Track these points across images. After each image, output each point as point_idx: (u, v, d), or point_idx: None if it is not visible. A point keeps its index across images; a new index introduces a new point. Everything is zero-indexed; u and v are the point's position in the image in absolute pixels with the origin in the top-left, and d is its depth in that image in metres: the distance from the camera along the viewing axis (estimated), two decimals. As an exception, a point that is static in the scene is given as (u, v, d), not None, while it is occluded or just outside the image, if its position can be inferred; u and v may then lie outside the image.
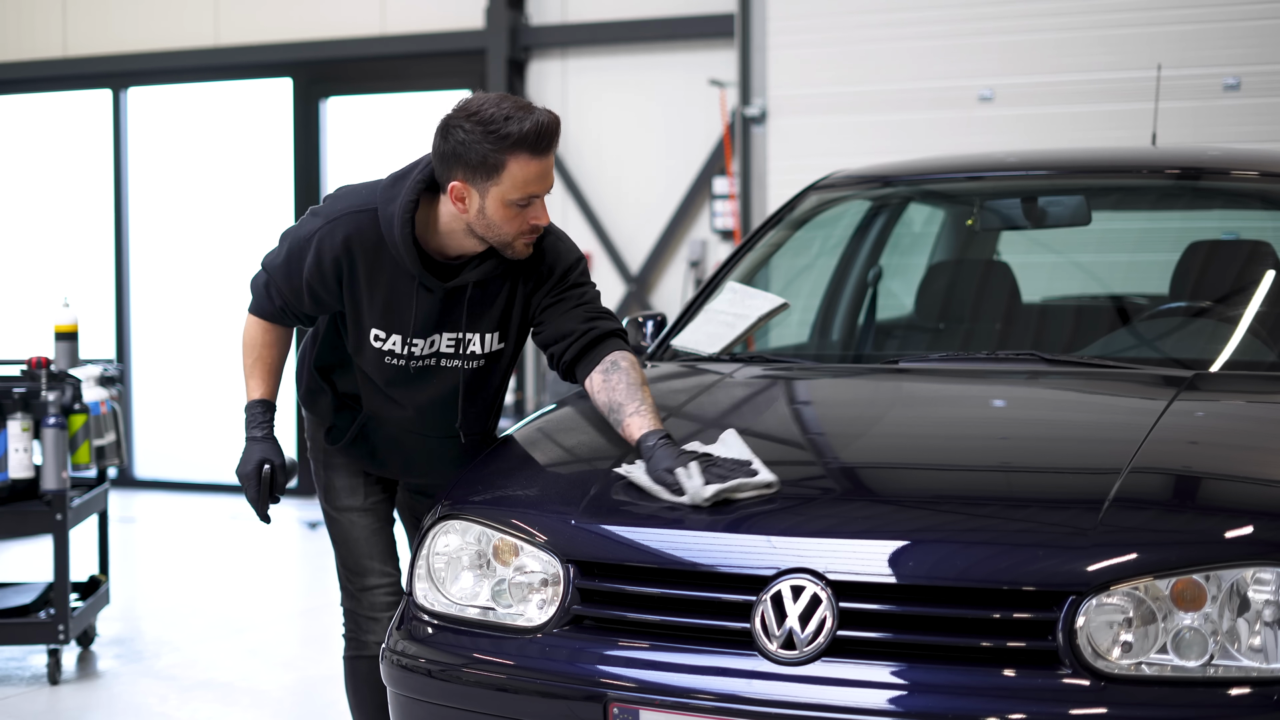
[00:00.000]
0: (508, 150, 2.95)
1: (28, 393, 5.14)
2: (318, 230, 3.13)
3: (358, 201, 3.14)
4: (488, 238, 3.07)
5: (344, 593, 3.52)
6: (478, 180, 2.99)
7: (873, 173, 4.44)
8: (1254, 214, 4.66)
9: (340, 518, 3.48)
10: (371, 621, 3.48)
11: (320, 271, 3.14)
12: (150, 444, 9.92)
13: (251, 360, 3.31)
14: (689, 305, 4.02)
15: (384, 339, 3.19)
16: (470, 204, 3.02)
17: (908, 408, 3.38)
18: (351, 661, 3.53)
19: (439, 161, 3.03)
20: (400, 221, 3.05)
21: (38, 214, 10.30)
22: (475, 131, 2.95)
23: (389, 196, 3.09)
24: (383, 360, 3.23)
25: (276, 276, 3.20)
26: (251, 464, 3.27)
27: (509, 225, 3.04)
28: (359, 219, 3.11)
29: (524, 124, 2.95)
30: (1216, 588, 2.49)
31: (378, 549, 3.49)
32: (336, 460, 3.47)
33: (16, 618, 5.21)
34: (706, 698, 2.60)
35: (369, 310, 3.18)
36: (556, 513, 2.89)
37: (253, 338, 3.30)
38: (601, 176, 8.80)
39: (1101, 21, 7.23)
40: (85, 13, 9.91)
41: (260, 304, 3.27)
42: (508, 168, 2.97)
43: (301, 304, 3.22)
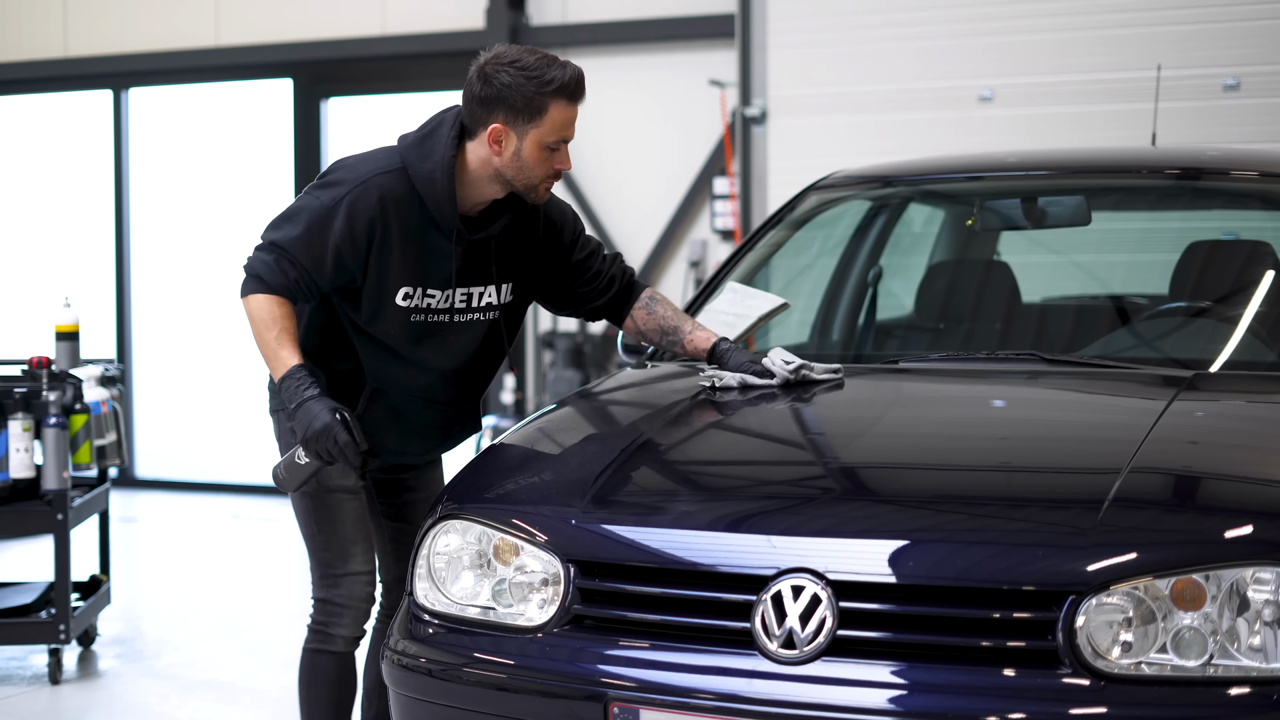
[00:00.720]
0: (550, 95, 3.17)
1: (29, 393, 5.15)
2: (345, 195, 3.19)
3: (383, 163, 3.23)
4: (516, 181, 3.23)
5: (321, 581, 3.44)
6: (520, 122, 3.17)
7: (873, 173, 4.45)
8: (1254, 214, 4.66)
9: (329, 498, 3.41)
10: (346, 612, 3.42)
11: (352, 234, 3.18)
12: (151, 444, 9.92)
13: (275, 333, 3.23)
14: (689, 305, 4.02)
15: (413, 295, 3.27)
16: (507, 146, 3.19)
17: (908, 408, 3.39)
18: (313, 654, 3.46)
19: (478, 105, 3.19)
20: (444, 175, 3.18)
21: (38, 214, 10.31)
22: (519, 76, 3.15)
23: (422, 154, 3.21)
24: (408, 319, 3.29)
25: (294, 249, 3.20)
26: (324, 416, 3.15)
27: (540, 168, 3.23)
28: (390, 179, 3.21)
29: (565, 72, 3.19)
30: (1216, 587, 2.49)
31: (363, 535, 3.45)
32: None
33: (17, 617, 5.21)
34: (707, 697, 2.60)
35: (400, 269, 3.24)
36: (557, 512, 2.89)
37: (267, 312, 3.24)
38: (602, 177, 8.80)
39: (1102, 22, 7.23)
40: (86, 13, 9.92)
41: (271, 279, 3.22)
42: (549, 111, 3.18)
43: (322, 274, 3.22)
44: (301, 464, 3.28)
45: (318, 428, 3.15)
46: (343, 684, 3.47)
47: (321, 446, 3.18)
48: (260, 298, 3.24)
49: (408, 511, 3.65)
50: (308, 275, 3.23)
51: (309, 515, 3.45)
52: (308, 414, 3.17)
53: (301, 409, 3.18)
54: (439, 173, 3.18)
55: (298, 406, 3.18)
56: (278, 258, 3.22)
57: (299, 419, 3.18)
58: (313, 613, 3.48)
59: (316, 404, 3.18)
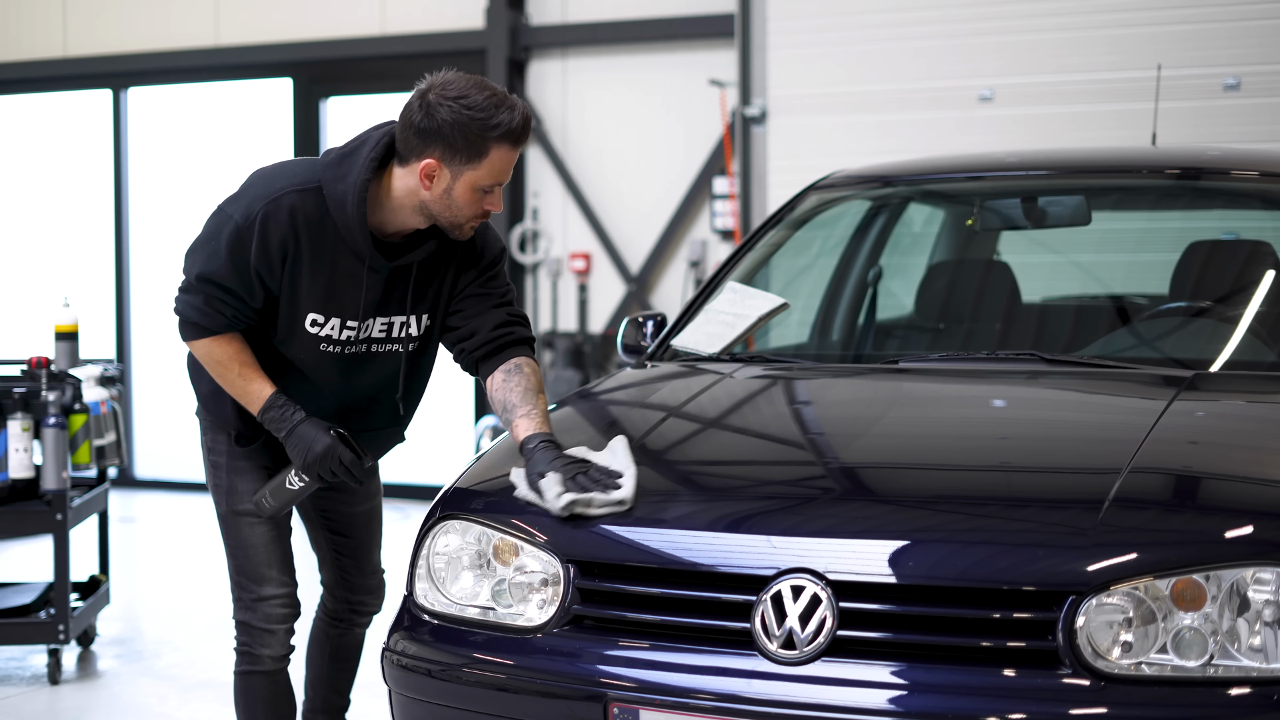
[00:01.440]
0: (495, 140, 2.97)
1: (28, 393, 5.14)
2: (259, 210, 3.02)
3: (298, 179, 3.05)
4: (441, 217, 3.05)
5: (238, 604, 3.39)
6: (456, 162, 2.98)
7: (873, 173, 4.44)
8: (1254, 214, 4.66)
9: (239, 523, 3.36)
10: (267, 634, 3.37)
11: (266, 253, 3.03)
12: (150, 444, 9.92)
13: (235, 370, 3.14)
14: (689, 305, 4.02)
15: (322, 324, 3.13)
16: (438, 183, 3.00)
17: (908, 408, 3.38)
18: (244, 677, 3.41)
19: (415, 135, 2.98)
20: (354, 200, 3.00)
21: (38, 214, 10.30)
22: (463, 115, 2.94)
23: (337, 174, 3.03)
24: (317, 348, 3.16)
25: (221, 279, 3.06)
26: (323, 438, 3.12)
27: (469, 208, 3.04)
28: (304, 197, 3.04)
29: (513, 116, 2.98)
30: (1216, 587, 2.49)
31: (276, 557, 3.38)
32: (241, 464, 3.34)
33: (17, 618, 5.21)
34: (706, 698, 2.60)
35: (308, 294, 3.10)
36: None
37: (219, 354, 3.14)
38: (601, 176, 8.79)
39: (1102, 21, 7.22)
40: (85, 13, 9.92)
41: (207, 322, 3.11)
42: (489, 155, 2.98)
43: (253, 297, 3.09)
44: (294, 488, 3.26)
45: (319, 450, 3.13)
46: (278, 701, 3.44)
47: (324, 468, 3.16)
48: (205, 342, 3.14)
49: (347, 524, 3.61)
50: (242, 304, 3.10)
51: (224, 538, 3.42)
52: (304, 438, 3.14)
53: (294, 434, 3.15)
54: (350, 196, 3.00)
55: (289, 433, 3.14)
56: (207, 297, 3.09)
57: (294, 444, 3.15)
58: (236, 634, 3.43)
59: (309, 427, 3.15)
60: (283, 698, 3.45)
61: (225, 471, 3.36)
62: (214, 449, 3.38)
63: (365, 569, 3.67)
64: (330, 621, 3.70)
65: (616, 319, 8.69)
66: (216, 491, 3.40)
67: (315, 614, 3.74)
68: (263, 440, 3.30)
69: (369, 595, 3.70)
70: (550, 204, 8.88)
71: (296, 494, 3.27)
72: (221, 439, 3.35)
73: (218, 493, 3.39)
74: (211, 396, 3.32)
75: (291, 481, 3.24)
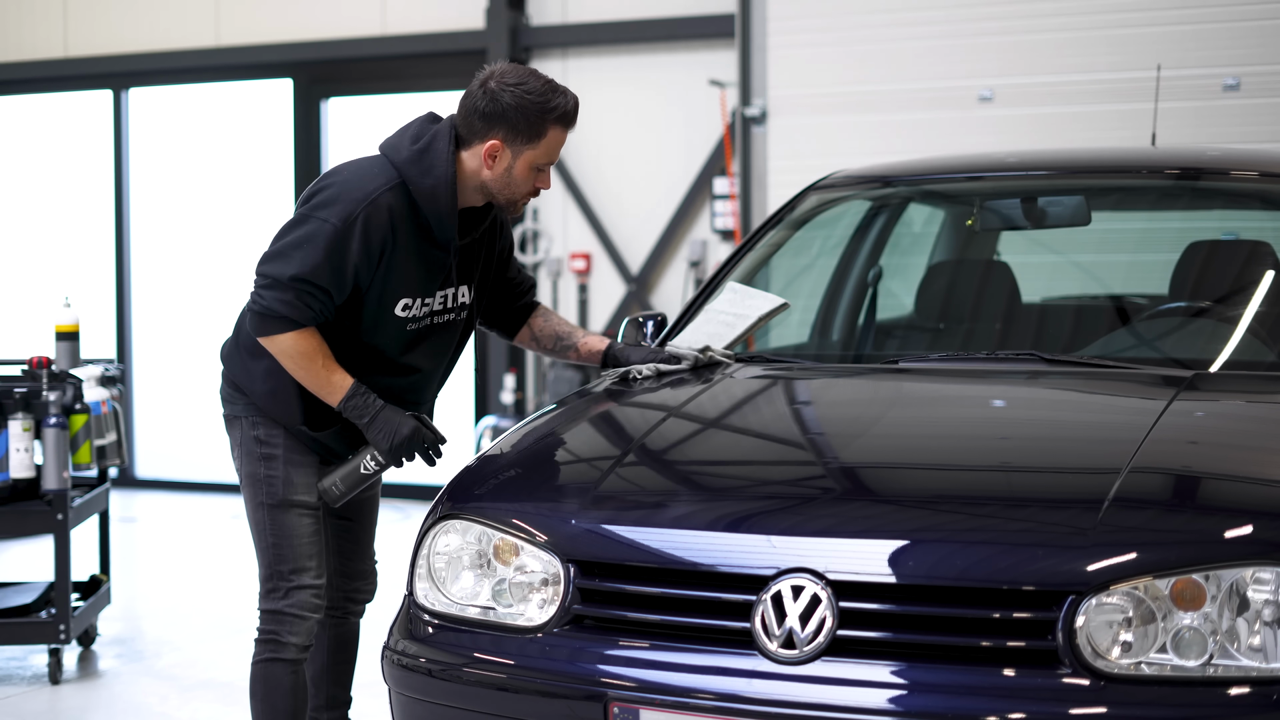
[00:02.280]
0: (552, 121, 3.29)
1: (29, 392, 5.15)
2: (359, 213, 3.22)
3: (385, 178, 3.28)
4: (500, 194, 3.33)
5: (271, 593, 3.46)
6: (518, 142, 3.27)
7: (873, 173, 4.45)
8: (1254, 214, 4.67)
9: (289, 513, 3.45)
10: (298, 621, 3.44)
11: (368, 250, 3.24)
12: (151, 444, 9.92)
13: (320, 362, 3.30)
14: (689, 305, 4.02)
15: (411, 305, 3.35)
16: (500, 162, 3.28)
17: (908, 408, 3.38)
18: (266, 666, 3.46)
19: (479, 119, 3.26)
20: (447, 191, 3.26)
21: (38, 214, 10.31)
22: (524, 99, 3.25)
23: (421, 169, 3.26)
24: (404, 328, 3.37)
25: (317, 278, 3.22)
26: (408, 421, 3.34)
27: (525, 185, 3.33)
28: (396, 194, 3.27)
29: (567, 100, 3.32)
30: (1216, 587, 2.49)
31: (316, 549, 3.49)
32: (299, 457, 3.45)
33: (17, 617, 5.21)
34: (706, 697, 2.60)
35: (402, 281, 3.31)
36: (557, 512, 2.90)
37: (305, 346, 3.28)
38: (602, 176, 8.80)
39: (1101, 22, 7.23)
40: (86, 13, 9.92)
41: (297, 315, 3.25)
42: (547, 135, 3.30)
43: (342, 294, 3.28)
44: (368, 472, 3.40)
45: (405, 433, 3.33)
46: (297, 692, 3.48)
47: (409, 450, 3.35)
48: (289, 335, 3.28)
49: (354, 509, 3.71)
50: (330, 300, 3.28)
51: (265, 528, 3.48)
52: (389, 424, 3.33)
53: (378, 420, 3.33)
54: (442, 188, 3.25)
55: (372, 419, 3.32)
56: (298, 293, 3.24)
57: (379, 430, 3.33)
58: (261, 624, 3.48)
59: (392, 413, 3.34)
60: (301, 690, 3.50)
61: (282, 463, 3.46)
62: (268, 442, 3.47)
63: (364, 554, 3.79)
64: (326, 613, 3.74)
65: (617, 319, 8.69)
66: (270, 483, 3.46)
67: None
68: (336, 429, 3.43)
69: (364, 581, 3.80)
70: (550, 204, 8.88)
71: (368, 478, 3.42)
72: (277, 432, 3.46)
73: (271, 484, 3.46)
74: (271, 394, 3.42)
75: (367, 466, 3.39)
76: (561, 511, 2.89)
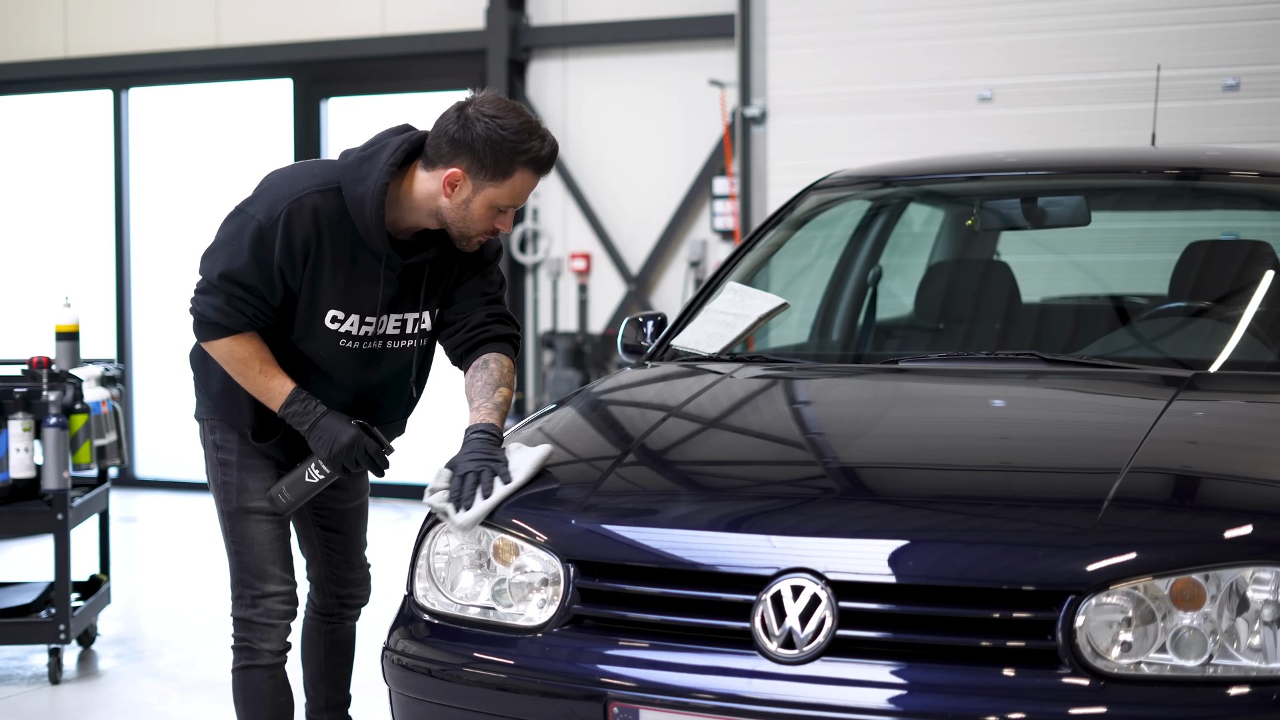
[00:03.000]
0: (521, 164, 3.09)
1: (29, 392, 5.15)
2: (282, 210, 3.10)
3: (319, 179, 3.14)
4: (453, 226, 3.16)
5: (238, 601, 3.43)
6: (481, 177, 3.09)
7: (873, 173, 4.45)
8: (1254, 214, 4.66)
9: (247, 520, 3.41)
10: (268, 629, 3.41)
11: (290, 251, 3.11)
12: (151, 444, 9.92)
13: (256, 368, 3.22)
14: (689, 305, 4.02)
15: (342, 320, 3.22)
16: (459, 194, 3.11)
17: (908, 408, 3.38)
18: (243, 673, 3.44)
19: (448, 143, 3.09)
20: (374, 202, 3.09)
21: (38, 214, 10.31)
22: (499, 134, 3.06)
23: (356, 176, 3.12)
24: (336, 344, 3.25)
25: (243, 278, 3.12)
26: (348, 429, 3.23)
27: (482, 223, 3.16)
28: (325, 197, 3.12)
29: (543, 145, 3.11)
30: (1216, 587, 2.49)
31: (279, 555, 3.44)
32: (252, 462, 3.40)
33: (17, 617, 5.21)
34: (706, 697, 2.60)
35: (329, 291, 3.18)
36: (557, 512, 2.89)
37: (241, 351, 3.21)
38: (601, 177, 8.80)
39: (1101, 22, 7.23)
40: (86, 13, 9.92)
41: (228, 321, 3.17)
42: (513, 177, 3.10)
43: (273, 295, 3.17)
44: (313, 481, 3.33)
45: (345, 441, 3.23)
46: (277, 694, 3.46)
47: (349, 459, 3.25)
48: (225, 341, 3.20)
49: (339, 520, 3.67)
50: (262, 303, 3.17)
51: (227, 535, 3.47)
52: (329, 431, 3.23)
53: (318, 428, 3.24)
54: (369, 198, 3.09)
55: (312, 426, 3.23)
56: (228, 297, 3.15)
57: (319, 437, 3.23)
58: (234, 631, 3.46)
59: (333, 420, 3.24)
60: (281, 691, 3.48)
61: (236, 469, 3.41)
62: (223, 447, 3.42)
63: (354, 563, 3.75)
64: (321, 619, 3.73)
65: (616, 319, 8.69)
66: (225, 489, 3.43)
67: (305, 614, 3.76)
68: (279, 436, 3.36)
69: (356, 588, 3.77)
70: (550, 204, 8.88)
71: (315, 487, 3.34)
72: (232, 437, 3.40)
73: (226, 490, 3.43)
74: (224, 395, 3.36)
75: (311, 474, 3.32)
76: (561, 511, 2.89)
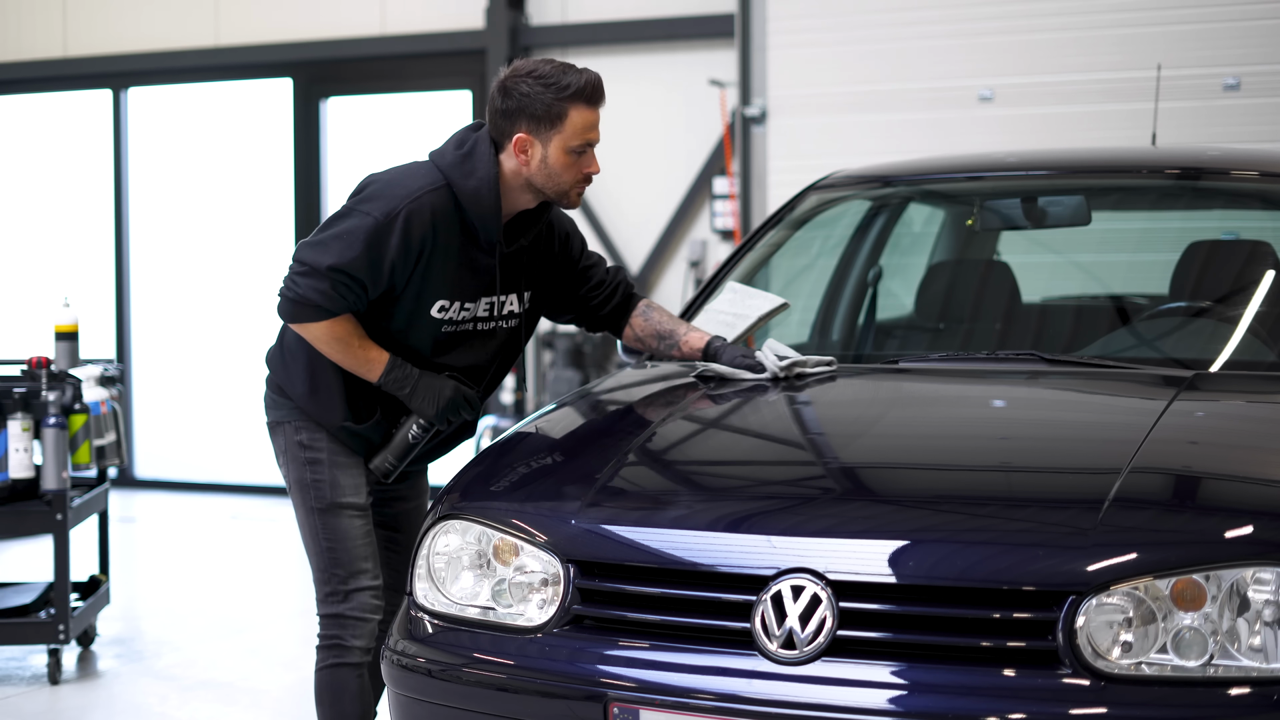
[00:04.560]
0: (568, 100, 3.25)
1: (28, 393, 5.15)
2: (401, 210, 3.23)
3: (429, 179, 3.29)
4: (547, 188, 3.33)
5: (330, 597, 3.45)
6: (542, 130, 3.26)
7: (873, 173, 4.45)
8: (1254, 214, 4.66)
9: (340, 515, 3.45)
10: (360, 624, 3.44)
11: (406, 249, 3.24)
12: (150, 444, 9.92)
13: (356, 343, 3.32)
14: (689, 305, 4.02)
15: (448, 308, 3.35)
16: (533, 154, 3.28)
17: (908, 408, 3.38)
18: (332, 671, 3.45)
19: (501, 119, 3.27)
20: (490, 191, 3.27)
21: (38, 214, 10.31)
22: (536, 86, 3.24)
23: (464, 172, 3.28)
24: (439, 330, 3.36)
25: (354, 269, 3.22)
26: (447, 383, 3.37)
27: (568, 173, 3.32)
28: (440, 195, 3.27)
29: (580, 77, 3.27)
30: (1216, 587, 2.49)
31: (371, 550, 3.49)
32: (343, 459, 3.45)
33: (17, 618, 5.21)
34: (706, 697, 2.60)
35: (439, 283, 3.32)
36: (557, 512, 2.89)
37: (340, 331, 3.30)
38: (602, 176, 8.72)
39: (1102, 21, 7.23)
40: (85, 13, 9.92)
41: (331, 305, 3.25)
42: (569, 116, 3.26)
43: (376, 287, 3.28)
44: (414, 441, 3.45)
45: (448, 394, 3.38)
46: (364, 695, 3.48)
47: (455, 409, 3.40)
48: (323, 324, 3.29)
49: (400, 520, 3.69)
50: (365, 293, 3.28)
51: (317, 532, 3.47)
52: (431, 388, 3.37)
53: (419, 388, 3.37)
54: (485, 189, 3.26)
55: (414, 388, 3.36)
56: (334, 283, 3.23)
57: (423, 395, 3.37)
58: (322, 629, 3.47)
59: (430, 378, 3.38)
60: (366, 693, 3.49)
61: (327, 466, 3.45)
62: (311, 446, 3.46)
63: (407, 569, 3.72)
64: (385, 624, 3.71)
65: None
66: (317, 487, 3.46)
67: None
68: (377, 418, 3.44)
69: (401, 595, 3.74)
70: (550, 204, 8.87)
71: (415, 446, 3.45)
72: (320, 435, 3.45)
73: (319, 488, 3.46)
74: (312, 394, 3.42)
75: (415, 434, 3.43)
76: (561, 511, 2.89)
